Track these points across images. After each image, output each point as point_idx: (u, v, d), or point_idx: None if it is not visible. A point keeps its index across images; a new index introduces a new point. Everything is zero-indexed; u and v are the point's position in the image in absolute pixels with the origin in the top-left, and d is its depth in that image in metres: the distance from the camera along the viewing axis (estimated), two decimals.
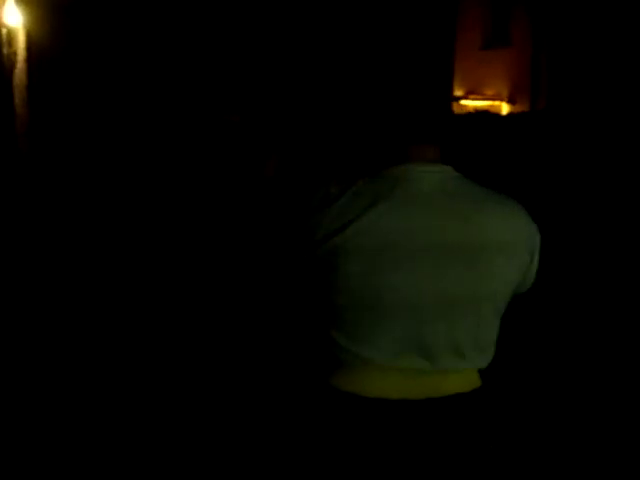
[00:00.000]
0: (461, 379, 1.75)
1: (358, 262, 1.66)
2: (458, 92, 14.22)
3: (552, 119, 8.57)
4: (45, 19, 7.71)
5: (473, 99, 13.66)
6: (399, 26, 12.85)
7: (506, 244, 1.70)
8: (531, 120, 8.68)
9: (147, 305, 5.30)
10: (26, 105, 7.67)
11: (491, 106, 12.93)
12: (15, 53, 7.46)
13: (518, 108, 12.88)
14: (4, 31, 7.34)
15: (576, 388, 4.32)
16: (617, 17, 10.95)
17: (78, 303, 5.37)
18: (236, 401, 3.83)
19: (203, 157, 8.38)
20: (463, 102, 13.55)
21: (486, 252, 1.68)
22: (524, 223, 1.74)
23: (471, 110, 11.86)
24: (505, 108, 13.07)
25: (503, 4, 13.76)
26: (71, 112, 8.64)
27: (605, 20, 11.10)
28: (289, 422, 1.97)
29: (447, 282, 1.67)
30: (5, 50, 7.36)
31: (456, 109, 13.15)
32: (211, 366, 4.28)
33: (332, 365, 1.73)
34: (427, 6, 13.37)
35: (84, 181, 8.02)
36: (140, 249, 6.57)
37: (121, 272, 6.13)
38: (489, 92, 13.81)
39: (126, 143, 8.85)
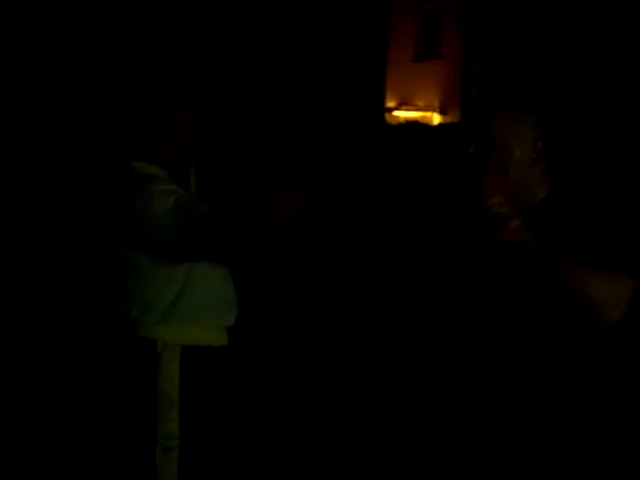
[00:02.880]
0: None
1: None
2: (390, 103, 14.41)
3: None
4: None
5: (405, 110, 13.85)
6: (331, 40, 12.98)
7: None
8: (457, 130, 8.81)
9: None
10: None
11: (423, 117, 13.12)
12: None
13: (449, 119, 13.09)
14: None
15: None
16: (543, 25, 11.25)
17: None
18: None
19: None
20: (395, 113, 13.72)
21: None
22: None
23: (402, 121, 12.02)
24: (436, 119, 13.29)
25: (434, 17, 14.00)
26: None
27: (533, 29, 11.39)
28: None
29: None
30: None
31: (388, 120, 13.32)
32: None
33: None
34: (359, 19, 13.53)
35: None
36: None
37: None
38: (421, 103, 14.02)
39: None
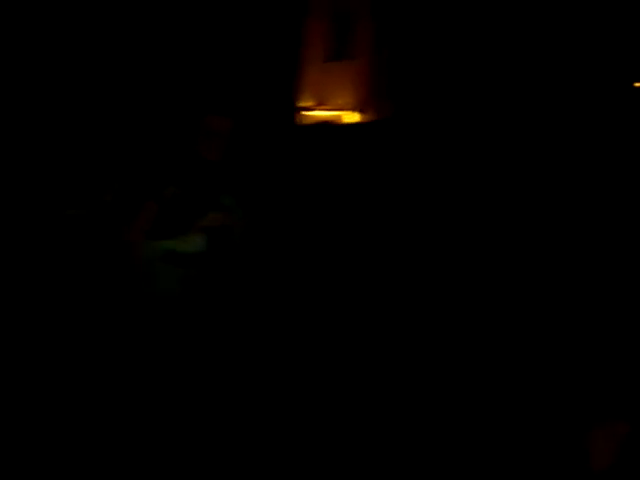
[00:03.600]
0: None
1: None
2: (309, 103, 14.45)
3: (394, 126, 8.74)
4: None
5: (321, 110, 13.91)
6: (246, 41, 12.94)
7: None
8: (371, 129, 8.89)
9: None
10: None
11: (337, 116, 13.20)
12: None
13: (366, 117, 13.19)
14: None
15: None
16: (458, 21, 11.42)
17: None
18: None
19: None
20: (310, 113, 13.77)
21: None
22: None
23: (318, 121, 12.07)
24: (348, 118, 13.39)
25: (346, 18, 14.10)
26: None
27: (446, 26, 11.55)
28: None
29: None
30: None
31: (303, 120, 13.36)
32: None
33: None
34: (273, 20, 13.50)
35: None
36: None
37: None
38: (338, 103, 14.10)
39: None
